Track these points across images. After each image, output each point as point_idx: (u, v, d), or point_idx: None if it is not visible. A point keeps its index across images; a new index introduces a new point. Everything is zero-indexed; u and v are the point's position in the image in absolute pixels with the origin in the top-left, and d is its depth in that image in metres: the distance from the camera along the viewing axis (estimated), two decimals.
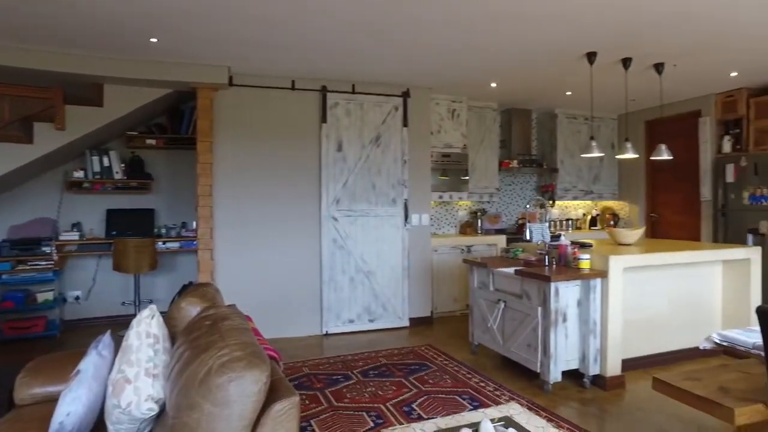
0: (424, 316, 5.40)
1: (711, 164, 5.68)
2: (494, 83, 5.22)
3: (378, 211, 5.16)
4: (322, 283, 4.96)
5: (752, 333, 2.19)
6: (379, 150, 5.16)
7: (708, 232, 5.74)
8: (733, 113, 5.51)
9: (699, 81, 5.12)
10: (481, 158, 6.19)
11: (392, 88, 5.20)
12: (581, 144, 6.66)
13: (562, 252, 3.81)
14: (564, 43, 3.89)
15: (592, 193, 6.89)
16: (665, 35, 3.72)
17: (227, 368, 1.29)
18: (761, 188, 5.10)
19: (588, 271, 3.52)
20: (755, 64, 4.55)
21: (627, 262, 3.57)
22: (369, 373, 3.82)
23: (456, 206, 6.38)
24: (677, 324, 4.05)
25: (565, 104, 6.34)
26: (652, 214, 6.60)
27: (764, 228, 5.09)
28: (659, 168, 6.43)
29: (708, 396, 2.23)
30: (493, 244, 5.92)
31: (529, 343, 3.56)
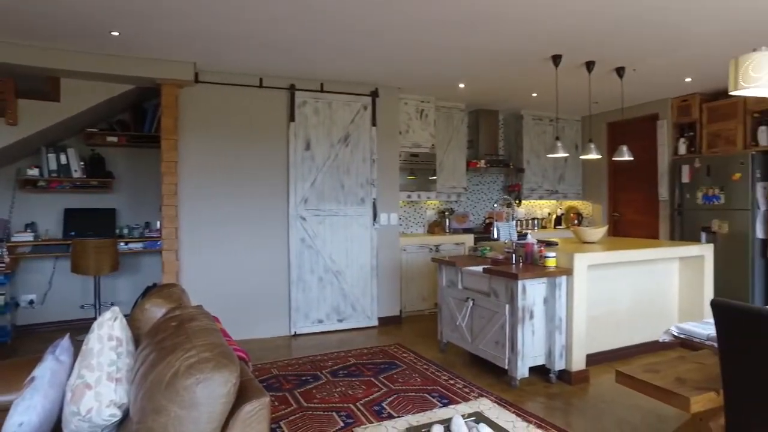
0: (393, 316, 5.41)
1: (668, 165, 5.90)
2: (462, 84, 5.28)
3: (347, 210, 5.14)
4: (290, 283, 4.90)
5: (707, 325, 2.28)
6: (348, 149, 5.14)
7: (666, 230, 5.96)
8: (687, 117, 5.73)
9: (657, 85, 5.30)
10: (449, 158, 6.25)
11: (361, 88, 5.19)
12: (547, 145, 6.80)
13: (528, 250, 3.89)
14: (530, 46, 3.97)
15: (557, 192, 7.05)
16: (624, 41, 3.84)
17: (195, 370, 1.25)
18: (713, 188, 5.33)
19: (554, 268, 3.60)
20: (707, 71, 4.75)
21: (591, 259, 3.66)
22: (338, 373, 3.80)
23: (424, 206, 6.42)
24: (638, 319, 4.18)
25: (531, 106, 6.47)
26: (614, 214, 6.81)
27: (716, 226, 5.31)
28: (621, 169, 6.63)
29: (666, 386, 2.31)
30: (461, 243, 5.98)
31: (497, 341, 3.61)
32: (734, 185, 5.13)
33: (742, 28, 3.56)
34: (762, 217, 5.05)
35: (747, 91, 2.27)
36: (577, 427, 2.89)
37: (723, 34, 3.70)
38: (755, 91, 2.29)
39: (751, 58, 2.21)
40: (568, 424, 2.94)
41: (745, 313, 1.76)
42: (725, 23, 3.47)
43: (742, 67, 2.22)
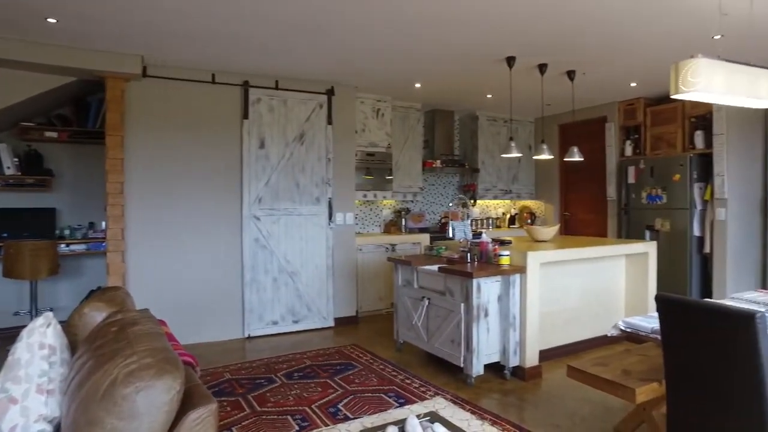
0: (350, 316, 5.37)
1: (615, 166, 6.13)
2: (418, 84, 5.30)
3: (302, 209, 5.06)
4: (243, 285, 4.78)
5: (651, 319, 2.37)
6: (303, 148, 5.07)
7: (613, 228, 6.18)
8: (633, 120, 5.97)
9: (605, 89, 5.50)
10: (405, 158, 6.27)
11: (317, 86, 5.12)
12: (501, 145, 6.93)
13: (483, 249, 3.94)
14: (485, 47, 4.02)
15: (511, 192, 7.19)
16: (574, 45, 3.95)
17: (135, 377, 1.18)
18: (656, 189, 5.57)
19: (508, 267, 3.66)
20: (650, 77, 4.96)
21: (543, 257, 3.75)
22: (293, 375, 3.73)
23: (380, 205, 6.41)
24: (588, 314, 4.32)
25: (486, 107, 6.57)
26: (565, 213, 7.01)
27: (659, 224, 5.56)
28: (571, 169, 6.84)
29: (614, 379, 2.39)
30: (417, 243, 6.01)
31: (453, 339, 3.64)
32: (675, 185, 5.38)
33: (681, 36, 3.73)
34: (698, 215, 5.32)
35: (686, 95, 2.38)
36: (530, 422, 2.95)
37: (663, 42, 3.86)
38: (693, 95, 2.39)
39: (689, 64, 2.31)
40: (521, 419, 2.99)
41: (684, 305, 1.83)
42: (666, 30, 3.62)
43: (682, 72, 2.31)
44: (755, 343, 1.60)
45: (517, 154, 4.71)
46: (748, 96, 2.54)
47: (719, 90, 2.36)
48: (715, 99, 2.49)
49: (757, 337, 1.60)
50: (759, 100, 2.64)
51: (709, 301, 2.06)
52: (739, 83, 2.48)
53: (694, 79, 2.27)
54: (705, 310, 1.75)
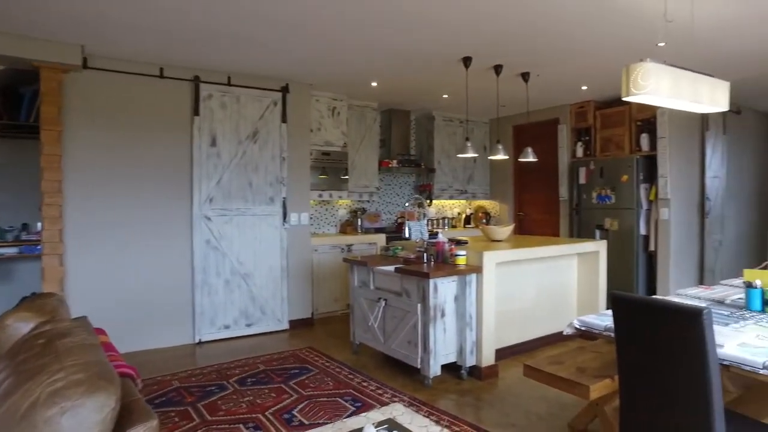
0: (305, 318, 5.26)
1: (567, 167, 6.28)
2: (375, 83, 5.25)
3: (255, 210, 4.91)
4: (194, 288, 4.59)
5: (604, 317, 2.41)
6: (257, 146, 4.92)
7: (565, 228, 6.34)
8: (584, 122, 6.14)
9: (558, 92, 5.62)
10: (361, 157, 6.20)
11: (271, 82, 4.99)
12: (457, 145, 6.98)
13: (439, 249, 3.93)
14: (442, 48, 4.01)
15: (466, 192, 7.26)
16: (529, 47, 4.00)
17: (60, 396, 1.06)
18: (606, 189, 5.75)
19: (464, 266, 3.66)
20: (599, 80, 5.10)
21: (499, 257, 3.77)
22: (246, 381, 3.60)
23: (336, 205, 6.32)
24: (542, 312, 4.39)
25: (442, 107, 6.60)
26: (519, 213, 7.14)
27: (608, 224, 5.74)
28: (525, 170, 6.97)
29: (569, 377, 2.42)
30: (373, 243, 5.96)
31: (410, 340, 3.61)
32: (623, 186, 5.57)
33: (628, 42, 3.84)
34: (644, 215, 5.53)
35: (636, 98, 2.43)
36: (487, 422, 2.95)
37: (612, 47, 3.97)
38: (644, 98, 2.45)
39: (639, 68, 2.36)
40: (479, 419, 2.99)
41: (636, 303, 1.86)
42: (614, 36, 3.72)
43: (633, 75, 2.36)
44: (702, 338, 1.64)
45: (473, 154, 4.74)
46: (690, 101, 2.62)
47: (666, 93, 2.43)
48: (662, 102, 2.56)
49: (704, 332, 1.63)
50: (699, 105, 2.73)
51: (659, 298, 2.11)
52: (683, 88, 2.55)
53: (644, 82, 2.32)
54: (655, 307, 1.78)
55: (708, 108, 2.80)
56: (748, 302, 2.52)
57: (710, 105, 2.76)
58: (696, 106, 2.72)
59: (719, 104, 2.83)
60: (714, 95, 2.78)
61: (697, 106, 2.72)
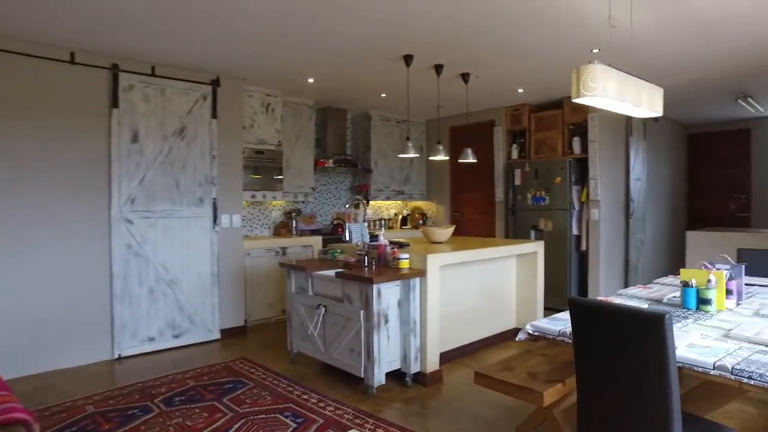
0: (238, 326, 4.95)
1: (503, 169, 6.38)
2: (312, 79, 5.04)
3: (183, 211, 4.55)
4: (113, 298, 4.16)
5: (557, 321, 2.38)
6: (185, 143, 4.56)
7: (501, 228, 6.44)
8: (519, 125, 6.26)
9: (495, 94, 5.67)
10: (296, 156, 5.96)
11: (200, 75, 4.64)
12: (394, 146, 6.91)
13: (381, 252, 3.80)
14: (383, 44, 3.89)
15: (403, 193, 7.20)
16: (469, 46, 3.97)
17: None
18: (540, 190, 5.89)
19: (407, 270, 3.55)
20: (535, 84, 5.21)
21: (443, 260, 3.70)
22: (174, 400, 3.28)
23: (270, 206, 6.04)
24: (484, 314, 4.38)
25: (380, 106, 6.49)
26: (455, 213, 7.18)
27: (542, 224, 5.88)
28: (462, 171, 7.01)
29: (521, 383, 2.37)
30: (309, 246, 5.74)
31: (352, 348, 3.45)
32: (556, 188, 5.72)
33: (565, 46, 3.91)
34: (576, 215, 5.72)
35: (586, 99, 2.41)
36: (435, 430, 2.85)
37: (549, 51, 4.03)
38: (592, 100, 2.44)
39: (589, 69, 2.34)
40: (426, 428, 2.88)
41: (596, 308, 1.82)
42: (552, 40, 3.77)
43: (583, 76, 2.34)
44: (664, 342, 1.62)
45: (413, 154, 4.66)
46: (633, 104, 2.66)
47: (612, 96, 2.44)
48: (608, 104, 2.57)
49: (666, 337, 1.61)
50: (639, 109, 2.79)
51: (620, 304, 2.10)
52: (627, 92, 2.59)
53: (594, 84, 2.31)
54: (616, 312, 1.74)
55: (646, 112, 2.86)
56: (684, 300, 2.59)
57: (648, 109, 2.82)
58: (636, 110, 2.77)
59: (656, 109, 2.91)
60: (652, 100, 2.85)
61: (637, 110, 2.77)
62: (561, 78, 4.94)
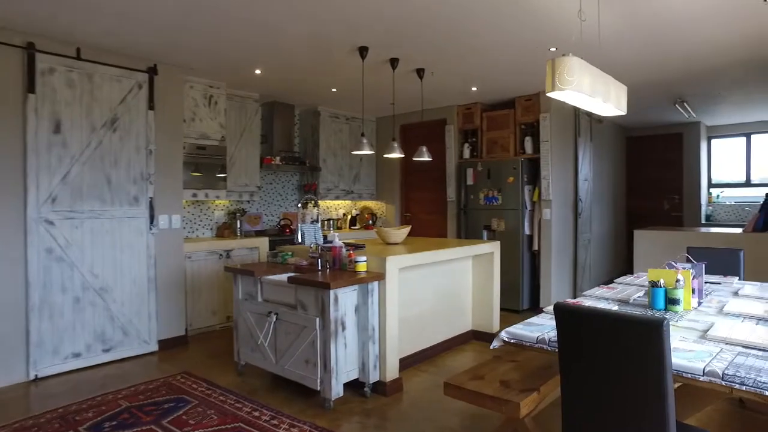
0: (178, 336, 4.55)
1: (455, 168, 6.31)
2: (259, 70, 4.72)
3: (114, 211, 4.11)
4: (29, 310, 3.66)
5: (533, 327, 2.25)
6: (117, 135, 4.12)
7: (453, 229, 6.36)
8: (471, 124, 6.21)
9: (448, 91, 5.58)
10: (240, 153, 5.61)
11: (135, 61, 4.21)
12: (343, 143, 6.69)
13: (336, 254, 3.58)
14: (337, 34, 3.66)
15: (352, 193, 6.98)
16: (426, 40, 3.82)
17: None
18: (493, 190, 5.86)
19: (365, 274, 3.35)
20: (488, 82, 5.16)
21: (402, 262, 3.52)
22: (103, 426, 2.90)
23: (212, 206, 5.64)
24: (441, 316, 4.25)
25: (329, 102, 6.24)
26: (406, 214, 7.04)
27: (495, 224, 5.85)
28: (412, 170, 6.88)
29: (495, 394, 2.23)
30: (255, 248, 5.41)
31: (307, 359, 3.20)
32: (509, 187, 5.70)
33: (520, 45, 3.85)
34: (528, 215, 5.73)
35: (561, 94, 2.31)
36: None
37: (506, 48, 3.96)
38: (567, 94, 2.34)
39: (566, 62, 2.23)
40: None
41: (586, 315, 1.69)
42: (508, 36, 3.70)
43: (559, 69, 2.23)
44: (661, 350, 1.51)
45: (369, 151, 4.46)
46: (603, 100, 2.60)
47: (586, 91, 2.35)
48: (580, 99, 2.48)
49: (664, 344, 1.51)
50: (607, 106, 2.73)
51: (611, 310, 1.99)
52: (598, 87, 2.51)
53: (570, 77, 2.21)
54: (611, 318, 1.62)
55: (613, 110, 2.81)
56: (652, 301, 2.55)
57: (615, 107, 2.77)
58: (605, 106, 2.71)
59: (621, 107, 2.87)
60: (618, 98, 2.81)
61: (605, 106, 2.71)
62: (515, 76, 4.91)
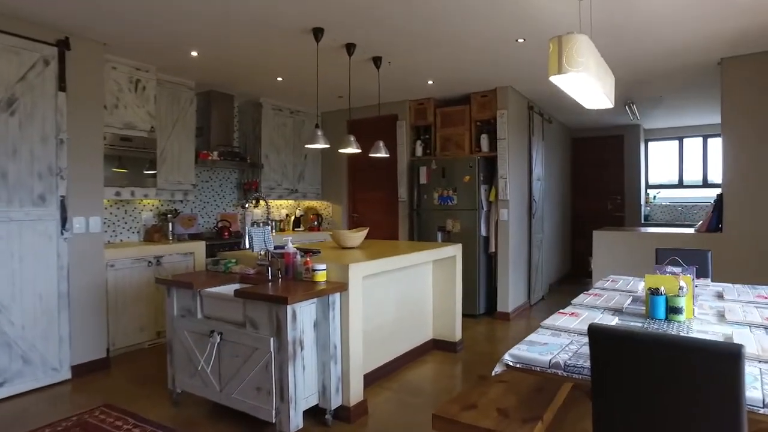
0: (98, 359, 3.88)
1: (407, 166, 5.98)
2: (195, 52, 4.15)
3: (13, 213, 3.40)
4: None
5: (540, 348, 1.92)
6: (15, 120, 3.41)
7: (405, 230, 6.03)
8: (423, 120, 5.91)
9: (404, 83, 5.21)
10: (173, 146, 4.97)
11: (41, 31, 3.52)
12: (287, 138, 6.20)
13: (289, 262, 3.12)
14: (288, 11, 3.20)
15: (296, 192, 6.49)
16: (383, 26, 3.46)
17: None
18: (448, 190, 5.58)
19: (325, 284, 2.92)
20: (445, 75, 4.87)
21: (366, 269, 3.13)
22: None
23: (139, 206, 4.96)
24: (403, 327, 3.90)
25: (272, 93, 5.72)
26: (353, 215, 6.64)
27: (450, 225, 5.58)
28: (361, 168, 6.49)
29: (495, 428, 1.89)
30: (190, 253, 4.81)
31: (259, 386, 2.72)
32: (465, 187, 5.45)
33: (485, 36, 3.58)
34: (484, 216, 5.50)
35: (567, 76, 2.01)
36: None
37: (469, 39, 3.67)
38: (572, 78, 2.04)
39: (575, 41, 1.94)
40: None
41: (635, 340, 1.38)
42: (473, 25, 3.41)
43: (567, 48, 1.92)
44: (736, 383, 1.22)
45: (324, 144, 3.99)
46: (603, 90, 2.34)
47: (593, 74, 2.07)
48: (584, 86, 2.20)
49: (739, 375, 1.22)
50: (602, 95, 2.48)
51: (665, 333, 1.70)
52: (601, 73, 2.25)
53: (579, 57, 1.91)
54: (663, 344, 1.32)
55: (605, 101, 2.57)
56: (652, 311, 2.32)
57: (607, 97, 2.53)
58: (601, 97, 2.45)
59: (611, 99, 2.64)
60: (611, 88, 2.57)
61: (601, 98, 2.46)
62: (476, 69, 4.66)
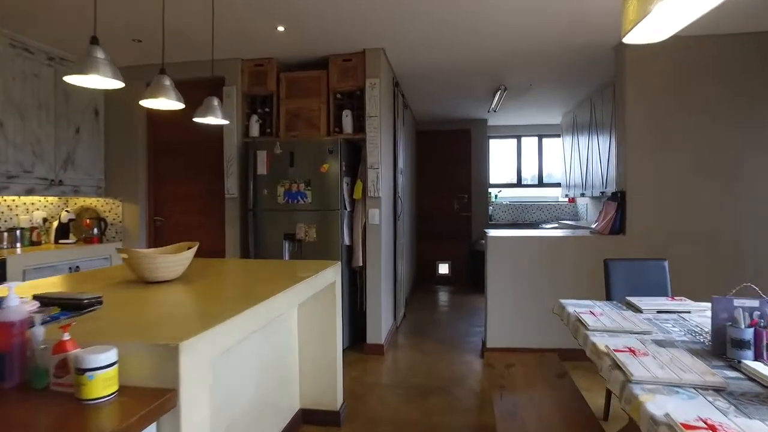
0: None
1: (238, 150, 4.28)
2: None
3: None
4: None
5: None
6: None
7: (235, 239, 4.32)
8: (262, 88, 4.28)
9: (239, 30, 3.55)
10: None
11: None
12: (41, 97, 3.95)
13: (11, 349, 1.33)
14: None
15: (61, 185, 4.23)
16: None
17: None
18: (298, 183, 4.08)
19: (116, 408, 1.23)
20: (300, 24, 3.40)
21: (217, 342, 1.49)
22: None
23: None
24: (266, 406, 2.32)
25: (10, 16, 3.47)
26: (156, 218, 4.63)
27: (302, 232, 4.09)
28: (164, 153, 4.54)
29: None
30: None
31: None
32: (322, 179, 4.01)
33: None
34: (347, 218, 4.16)
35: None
36: None
37: None
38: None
39: None
40: None
41: None
42: None
43: None
44: None
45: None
46: None
47: None
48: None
49: None
50: None
51: None
52: None
53: None
54: None
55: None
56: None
57: None
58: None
59: None
60: None
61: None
62: (342, 13, 3.26)
